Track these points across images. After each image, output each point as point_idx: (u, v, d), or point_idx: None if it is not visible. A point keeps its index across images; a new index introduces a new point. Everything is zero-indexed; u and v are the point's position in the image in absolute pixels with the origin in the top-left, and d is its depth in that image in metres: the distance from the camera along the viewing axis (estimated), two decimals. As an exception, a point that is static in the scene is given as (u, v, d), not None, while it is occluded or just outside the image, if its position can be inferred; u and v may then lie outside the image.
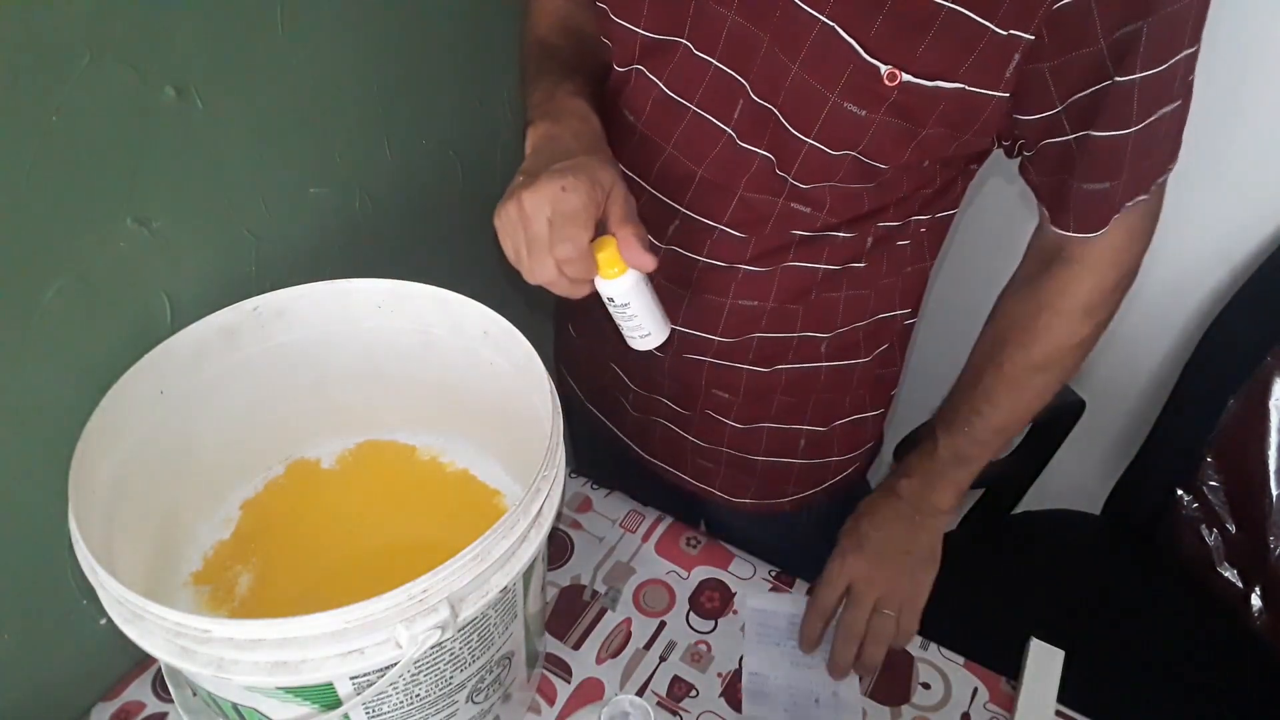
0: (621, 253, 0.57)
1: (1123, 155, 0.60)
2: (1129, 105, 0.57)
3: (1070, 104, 0.58)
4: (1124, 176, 0.61)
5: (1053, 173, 0.63)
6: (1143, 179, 0.62)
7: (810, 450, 0.84)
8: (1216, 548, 1.08)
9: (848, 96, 0.58)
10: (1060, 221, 0.66)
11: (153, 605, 0.46)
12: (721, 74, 0.62)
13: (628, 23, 0.64)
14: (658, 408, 0.84)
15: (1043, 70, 0.56)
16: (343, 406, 0.75)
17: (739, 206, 0.67)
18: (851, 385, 0.81)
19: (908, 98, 0.57)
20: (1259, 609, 1.05)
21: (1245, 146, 0.98)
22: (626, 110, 0.69)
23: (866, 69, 0.56)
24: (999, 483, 1.13)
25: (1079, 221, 0.65)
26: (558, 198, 0.54)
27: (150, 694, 0.72)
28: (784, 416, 0.81)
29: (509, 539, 0.52)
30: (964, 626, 0.82)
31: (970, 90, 0.57)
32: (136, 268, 0.64)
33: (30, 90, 0.53)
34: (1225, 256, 1.07)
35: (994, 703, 0.74)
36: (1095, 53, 0.54)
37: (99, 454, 0.57)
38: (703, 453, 0.85)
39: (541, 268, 0.56)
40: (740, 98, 0.62)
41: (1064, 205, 0.64)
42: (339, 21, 0.73)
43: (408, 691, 0.54)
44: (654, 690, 0.74)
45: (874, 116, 0.58)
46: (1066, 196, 0.63)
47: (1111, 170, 0.61)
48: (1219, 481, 1.06)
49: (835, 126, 0.60)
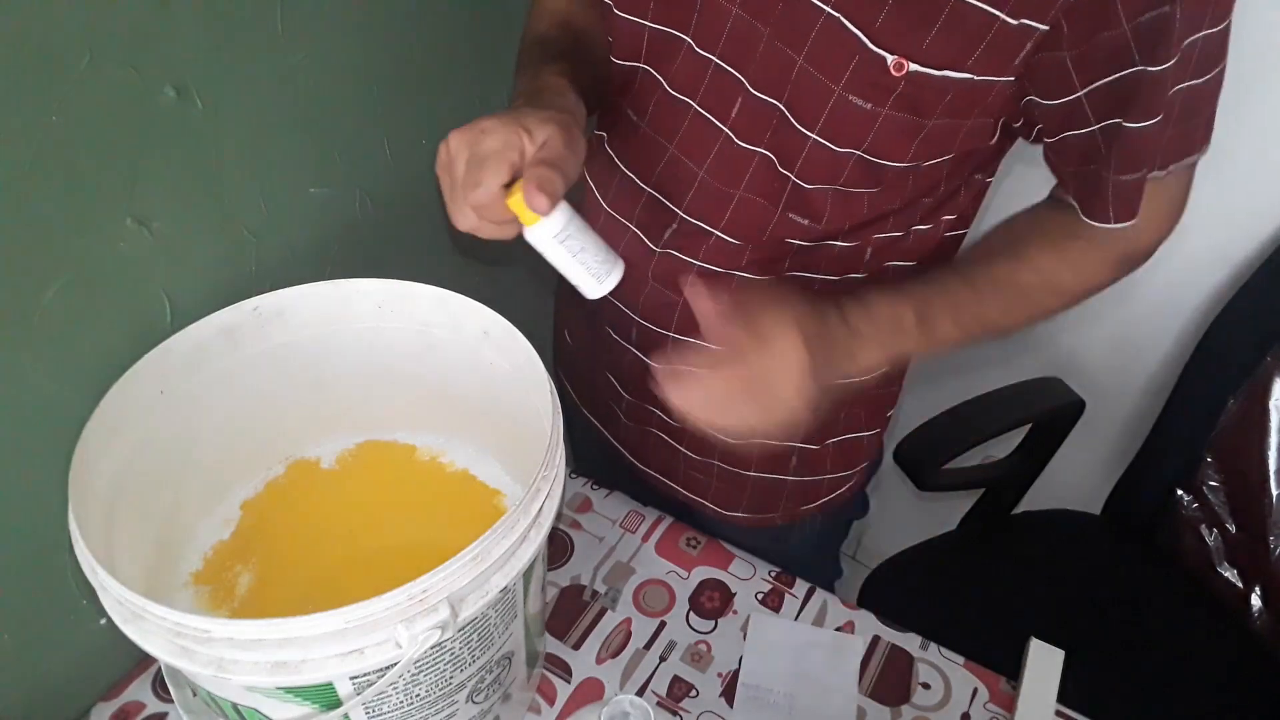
0: (523, 195, 0.52)
1: (1158, 142, 0.58)
2: (1161, 93, 0.55)
3: (1093, 90, 0.56)
4: (1158, 161, 0.59)
5: (1081, 163, 0.61)
6: (1176, 153, 0.60)
7: (802, 468, 0.83)
8: (1216, 548, 1.08)
9: (853, 89, 0.57)
10: (1094, 213, 0.62)
11: (153, 605, 0.46)
12: (721, 71, 0.62)
13: (634, 16, 0.64)
14: (651, 417, 0.84)
15: (1063, 59, 0.55)
16: (343, 406, 0.75)
17: (736, 211, 0.67)
18: (845, 404, 0.80)
19: (915, 89, 0.56)
20: (1259, 609, 1.05)
21: (1245, 146, 0.98)
22: (631, 110, 0.69)
23: (873, 59, 0.55)
24: (999, 483, 1.13)
25: (1117, 211, 0.61)
26: (475, 140, 0.52)
27: (150, 694, 0.72)
28: None
29: (509, 539, 0.52)
30: (964, 626, 0.82)
31: (978, 80, 0.56)
32: (136, 268, 0.64)
33: (30, 90, 0.53)
34: (1225, 256, 1.07)
35: (994, 703, 0.74)
36: (1119, 37, 0.53)
37: (99, 454, 0.57)
38: (695, 464, 0.84)
39: (459, 212, 0.54)
40: (739, 95, 0.62)
41: (1097, 196, 0.61)
42: (339, 21, 0.73)
43: (408, 691, 0.54)
44: (654, 690, 0.74)
45: (880, 110, 0.58)
46: (1101, 188, 0.61)
47: (1146, 159, 0.59)
48: (1219, 481, 1.06)
49: (840, 121, 0.59)
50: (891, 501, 1.50)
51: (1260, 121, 0.98)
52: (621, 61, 0.68)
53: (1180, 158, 0.60)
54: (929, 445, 1.00)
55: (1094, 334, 1.22)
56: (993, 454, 1.11)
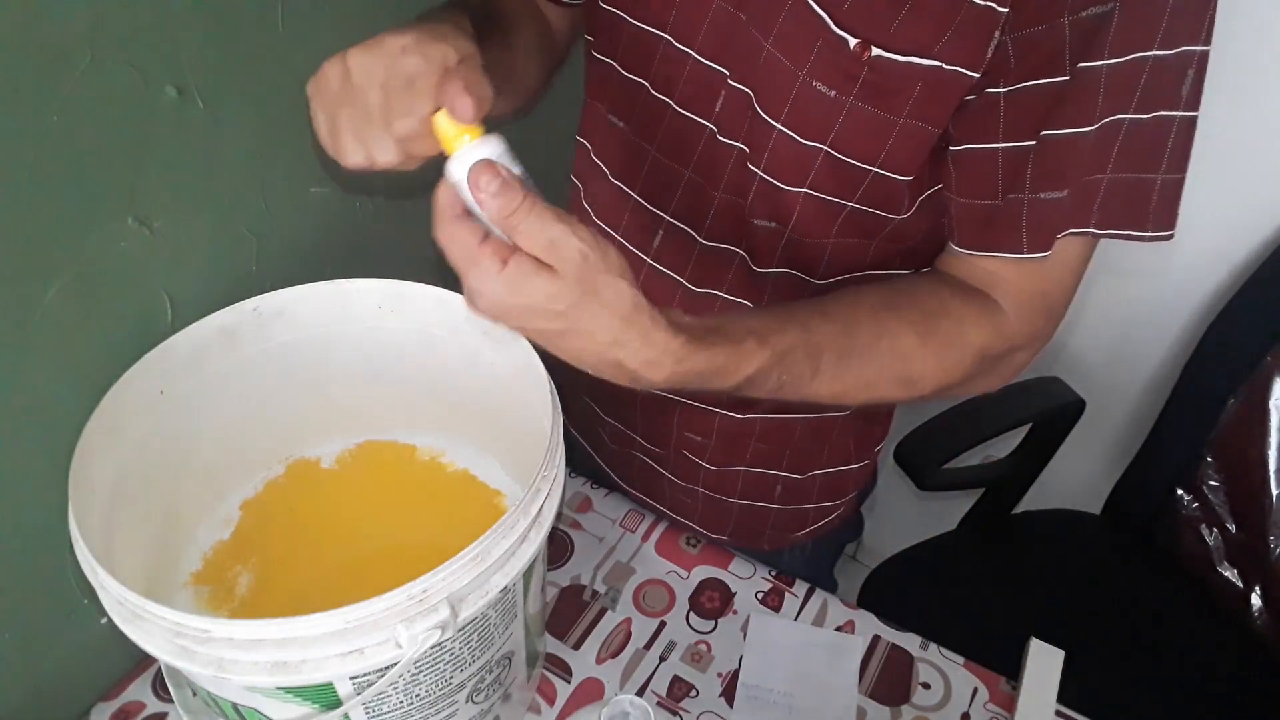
0: (445, 104, 0.44)
1: (1083, 160, 0.53)
2: (1091, 98, 0.51)
3: (1020, 90, 0.52)
4: (1086, 199, 0.54)
5: (991, 184, 0.56)
6: (1114, 209, 0.55)
7: (786, 497, 0.83)
8: (1216, 548, 1.08)
9: (817, 74, 0.55)
10: (1002, 241, 0.56)
11: (153, 605, 0.46)
12: (700, 66, 0.61)
13: (617, 9, 0.63)
14: (633, 442, 0.83)
15: (1005, 42, 0.51)
16: (343, 406, 0.75)
17: (716, 218, 0.65)
18: (830, 438, 0.79)
19: (879, 76, 0.54)
20: (1259, 609, 1.05)
21: (1245, 146, 0.98)
22: (613, 116, 0.68)
23: (835, 42, 0.53)
24: (999, 482, 1.13)
25: (1031, 237, 0.56)
26: (392, 60, 0.45)
27: (150, 694, 0.72)
28: (759, 462, 0.80)
29: (509, 539, 0.52)
30: (964, 626, 0.82)
31: (947, 69, 0.52)
32: (137, 267, 0.64)
33: (31, 90, 0.53)
34: (1225, 256, 1.07)
35: (994, 703, 0.74)
36: (1058, 30, 0.50)
37: (99, 454, 0.57)
38: (680, 489, 0.84)
39: (381, 147, 0.46)
40: (721, 88, 0.60)
41: (1008, 220, 0.56)
42: (339, 21, 0.72)
43: (408, 691, 0.54)
44: (654, 690, 0.74)
45: (845, 99, 0.55)
46: (1014, 209, 0.56)
47: (1070, 176, 0.54)
48: (1219, 481, 1.06)
49: (805, 108, 0.57)
50: (891, 501, 1.50)
51: (1260, 121, 0.98)
52: (600, 55, 0.67)
53: (1120, 223, 0.55)
54: (929, 445, 1.00)
55: (1094, 334, 1.22)
56: (993, 454, 1.11)
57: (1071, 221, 0.56)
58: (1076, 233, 0.56)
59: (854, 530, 0.95)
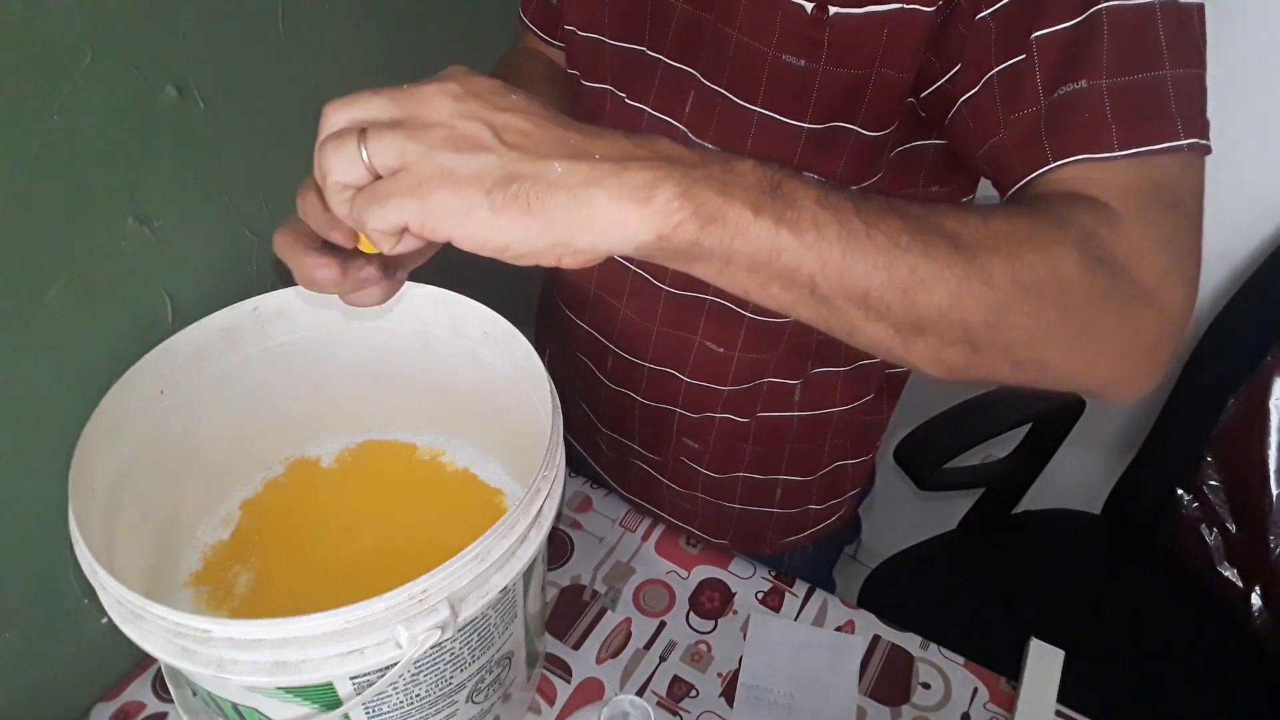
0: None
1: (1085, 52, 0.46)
2: None
3: (1002, 7, 0.48)
4: (1102, 76, 0.46)
5: (995, 109, 0.49)
6: (1128, 112, 0.46)
7: (787, 500, 0.83)
8: (1216, 547, 1.08)
9: (785, 48, 0.55)
10: (1032, 161, 0.48)
11: (153, 605, 0.46)
12: (670, 69, 0.61)
13: (596, 34, 0.64)
14: (631, 450, 0.83)
15: None
16: (343, 406, 0.75)
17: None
18: (828, 434, 0.79)
19: (844, 35, 0.53)
20: (1259, 609, 1.05)
21: (1245, 146, 0.98)
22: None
23: (793, 11, 0.54)
24: (999, 482, 1.13)
25: (1052, 143, 0.47)
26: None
27: (150, 694, 0.72)
28: (758, 467, 0.80)
29: (509, 539, 0.51)
30: (964, 626, 0.82)
31: (909, 9, 0.51)
32: (137, 267, 0.64)
33: (31, 90, 0.53)
34: (1225, 256, 1.07)
35: (994, 703, 0.74)
36: None
37: (99, 454, 0.57)
38: (679, 495, 0.84)
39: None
40: (691, 89, 0.61)
41: (1029, 140, 0.48)
42: (339, 21, 0.73)
43: (408, 691, 0.54)
44: (654, 690, 0.74)
45: (815, 66, 0.55)
46: (1032, 126, 0.48)
47: (1078, 69, 0.46)
48: (1219, 481, 1.06)
49: (781, 85, 0.57)
50: (891, 502, 1.50)
51: (1260, 122, 0.98)
52: (588, 81, 0.68)
53: (1139, 127, 0.46)
54: (929, 445, 1.00)
55: (1094, 334, 1.21)
56: (993, 454, 1.12)
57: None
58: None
59: (852, 533, 0.95)
